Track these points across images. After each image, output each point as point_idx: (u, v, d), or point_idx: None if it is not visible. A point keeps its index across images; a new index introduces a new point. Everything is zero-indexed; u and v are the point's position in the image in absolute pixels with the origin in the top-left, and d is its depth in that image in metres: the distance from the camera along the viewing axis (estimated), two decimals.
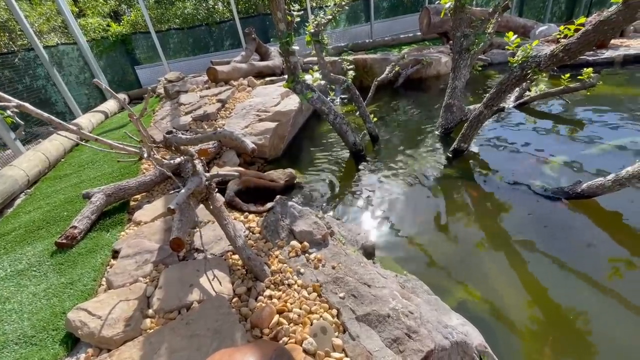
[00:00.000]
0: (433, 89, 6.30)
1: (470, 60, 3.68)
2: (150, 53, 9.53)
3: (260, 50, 6.87)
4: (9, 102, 0.86)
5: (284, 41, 2.90)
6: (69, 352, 1.53)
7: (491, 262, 2.19)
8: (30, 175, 3.82)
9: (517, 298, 1.93)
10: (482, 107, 3.05)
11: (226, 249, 2.02)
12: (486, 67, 6.69)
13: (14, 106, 0.87)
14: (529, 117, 4.29)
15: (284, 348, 0.60)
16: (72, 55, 7.94)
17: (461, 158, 3.45)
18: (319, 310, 1.57)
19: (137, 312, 1.59)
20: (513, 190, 2.84)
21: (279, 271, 1.84)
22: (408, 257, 2.31)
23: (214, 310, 1.49)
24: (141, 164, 3.57)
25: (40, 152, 4.23)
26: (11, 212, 3.27)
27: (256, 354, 0.54)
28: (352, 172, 3.54)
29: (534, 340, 1.70)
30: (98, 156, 4.24)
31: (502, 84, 2.85)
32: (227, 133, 1.65)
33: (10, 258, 2.37)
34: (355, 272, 1.72)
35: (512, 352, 1.63)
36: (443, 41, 8.38)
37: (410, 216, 2.73)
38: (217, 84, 5.61)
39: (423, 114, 4.98)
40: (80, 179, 3.62)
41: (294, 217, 2.23)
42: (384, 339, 1.33)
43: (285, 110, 4.14)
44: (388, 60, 6.57)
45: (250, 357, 0.52)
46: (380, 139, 4.22)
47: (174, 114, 4.68)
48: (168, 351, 1.32)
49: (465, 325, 1.46)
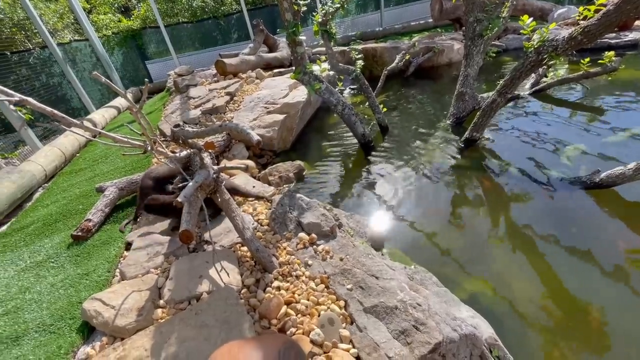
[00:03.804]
0: (445, 77, 6.14)
1: (484, 46, 3.55)
2: (160, 48, 9.61)
3: (269, 42, 6.81)
4: (12, 96, 0.87)
5: (291, 31, 2.85)
6: (85, 340, 1.59)
7: (503, 254, 2.14)
8: (48, 170, 3.94)
9: (530, 291, 1.88)
10: (496, 95, 2.95)
11: (235, 241, 2.04)
12: (500, 54, 6.46)
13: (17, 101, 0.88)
14: (545, 104, 4.13)
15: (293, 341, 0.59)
16: (85, 52, 8.07)
17: (473, 148, 3.36)
18: (327, 302, 1.57)
19: (148, 303, 1.63)
20: (527, 180, 2.75)
21: (287, 263, 1.85)
22: (417, 248, 2.28)
23: (223, 301, 1.51)
24: (152, 158, 3.62)
25: (57, 147, 4.35)
26: (30, 205, 3.38)
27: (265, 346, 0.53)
28: (361, 164, 3.51)
29: (546, 333, 1.66)
30: (111, 151, 4.33)
31: (516, 70, 2.74)
32: (233, 125, 1.65)
33: (30, 250, 2.46)
34: (363, 263, 1.71)
35: (524, 345, 1.60)
36: (455, 27, 8.14)
37: (420, 208, 2.69)
38: (226, 77, 5.61)
39: (434, 104, 4.86)
40: (94, 173, 3.71)
41: (301, 209, 2.23)
42: (391, 331, 1.32)
43: (293, 102, 4.11)
44: (398, 48, 6.42)
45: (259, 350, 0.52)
46: (390, 129, 4.15)
47: (184, 107, 4.72)
48: (178, 341, 1.35)
49: (474, 317, 1.43)
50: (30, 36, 7.72)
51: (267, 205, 2.47)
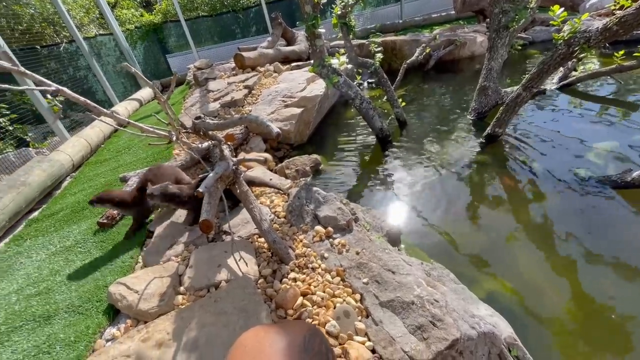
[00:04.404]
0: (466, 71, 5.96)
1: (509, 38, 3.42)
2: (180, 41, 9.77)
3: (287, 35, 6.80)
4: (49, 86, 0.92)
5: (310, 24, 2.84)
6: (111, 322, 1.66)
7: (524, 254, 2.08)
8: (75, 159, 4.11)
9: (552, 292, 1.82)
10: (521, 89, 2.84)
11: (252, 232, 2.07)
12: (526, 46, 6.21)
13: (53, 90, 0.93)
14: (573, 99, 3.95)
15: (318, 329, 0.59)
16: (109, 46, 8.31)
17: (495, 144, 3.26)
18: (342, 294, 1.58)
19: (169, 289, 1.69)
20: (552, 178, 2.65)
21: (303, 255, 1.87)
22: (435, 245, 2.25)
23: (241, 290, 1.55)
24: (173, 149, 3.72)
25: (83, 138, 4.52)
26: (59, 193, 3.55)
27: (291, 332, 0.54)
28: (378, 159, 3.47)
29: (567, 336, 1.61)
30: (133, 142, 4.47)
31: (544, 64, 2.63)
32: (253, 118, 1.67)
33: (60, 235, 2.59)
34: (380, 258, 1.70)
35: (544, 347, 1.56)
36: (479, 19, 7.86)
37: (439, 204, 2.64)
38: (244, 70, 5.65)
39: (455, 98, 4.74)
40: (118, 164, 3.84)
41: (318, 202, 2.23)
42: (407, 326, 1.32)
43: (311, 95, 4.10)
44: (419, 41, 6.27)
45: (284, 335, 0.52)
46: (408, 124, 4.09)
47: (203, 100, 4.80)
48: (198, 326, 1.39)
49: (493, 316, 1.40)
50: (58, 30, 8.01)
51: (283, 198, 2.49)
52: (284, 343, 0.49)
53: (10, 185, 3.09)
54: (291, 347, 0.49)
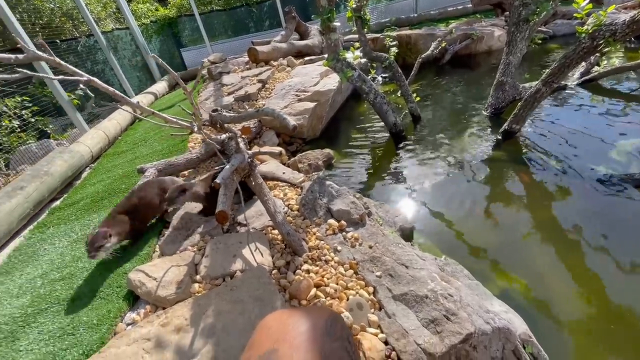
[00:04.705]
0: (483, 66, 5.83)
1: (529, 32, 3.33)
2: (194, 35, 9.86)
3: (300, 29, 6.79)
4: (82, 76, 0.96)
5: (325, 17, 2.83)
6: (131, 307, 1.72)
7: (540, 252, 2.05)
8: (94, 151, 4.23)
9: (568, 292, 1.79)
10: (541, 84, 2.77)
11: (266, 224, 2.10)
12: (547, 41, 6.03)
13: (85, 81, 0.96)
14: (595, 95, 3.83)
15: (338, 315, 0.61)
16: (125, 40, 8.45)
17: (512, 140, 3.20)
18: (355, 287, 1.60)
19: (186, 277, 1.73)
20: (571, 176, 2.59)
21: (316, 247, 1.89)
22: (448, 241, 2.24)
23: (256, 279, 1.58)
24: (187, 142, 3.78)
25: (101, 130, 4.64)
26: (79, 183, 3.66)
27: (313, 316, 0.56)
28: (392, 154, 3.45)
29: (584, 336, 1.58)
30: (149, 134, 4.56)
31: (566, 58, 2.56)
32: (269, 111, 1.68)
33: (81, 223, 2.68)
34: (393, 252, 1.71)
35: (559, 346, 1.54)
36: (497, 13, 7.66)
37: (452, 200, 2.62)
38: (258, 64, 5.68)
39: (470, 93, 4.65)
40: (135, 155, 3.93)
41: (331, 196, 2.25)
42: (420, 319, 1.32)
43: (324, 90, 4.09)
44: (434, 35, 6.16)
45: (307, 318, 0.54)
46: (422, 119, 4.04)
47: (217, 94, 4.85)
48: (215, 313, 1.43)
49: (508, 312, 1.40)
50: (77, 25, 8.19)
51: (297, 192, 2.51)
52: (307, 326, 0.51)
53: (34, 175, 3.21)
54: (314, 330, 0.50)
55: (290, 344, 0.47)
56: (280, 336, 0.49)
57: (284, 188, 2.60)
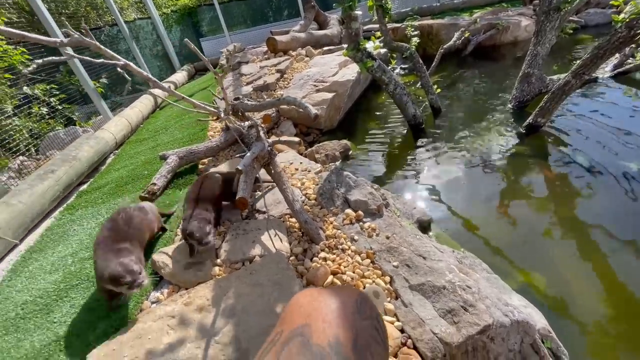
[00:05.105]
0: (508, 57, 5.63)
1: (560, 21, 3.18)
2: (213, 25, 9.92)
3: (319, 19, 6.72)
4: (119, 60, 1.00)
5: (347, 5, 2.79)
6: (155, 287, 1.80)
7: (561, 250, 2.00)
8: (118, 138, 4.37)
9: (589, 292, 1.74)
10: (570, 76, 2.66)
11: (284, 212, 2.13)
12: (578, 31, 5.74)
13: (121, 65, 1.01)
14: (628, 89, 3.64)
15: (367, 295, 0.62)
16: (147, 29, 8.61)
17: (536, 135, 3.10)
18: (372, 276, 1.61)
19: (207, 260, 1.79)
20: (598, 173, 2.49)
21: (334, 236, 1.91)
22: (466, 235, 2.21)
23: (274, 264, 1.62)
24: (207, 131, 3.85)
25: (124, 118, 4.79)
26: (104, 168, 3.80)
27: (344, 294, 0.57)
28: (410, 146, 3.41)
29: (604, 336, 1.55)
30: (170, 123, 4.66)
31: (599, 48, 2.44)
32: (291, 99, 1.70)
33: (106, 207, 2.79)
34: (411, 243, 1.71)
35: (578, 345, 1.51)
36: (524, 1, 7.34)
37: (472, 194, 2.58)
38: (276, 54, 5.67)
39: (493, 86, 4.51)
40: (156, 143, 4.04)
41: (349, 186, 2.25)
42: (437, 309, 1.33)
43: (342, 80, 4.06)
44: (457, 25, 5.97)
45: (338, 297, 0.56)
46: (442, 111, 3.96)
47: (236, 84, 4.89)
48: (235, 295, 1.48)
49: (527, 307, 1.38)
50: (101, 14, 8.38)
51: (314, 181, 2.53)
52: (338, 304, 0.52)
53: (63, 160, 3.36)
54: (345, 308, 0.52)
55: (322, 319, 0.48)
56: (312, 312, 0.51)
57: (302, 177, 2.62)
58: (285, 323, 0.50)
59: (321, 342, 0.44)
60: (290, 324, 0.49)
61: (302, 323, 0.48)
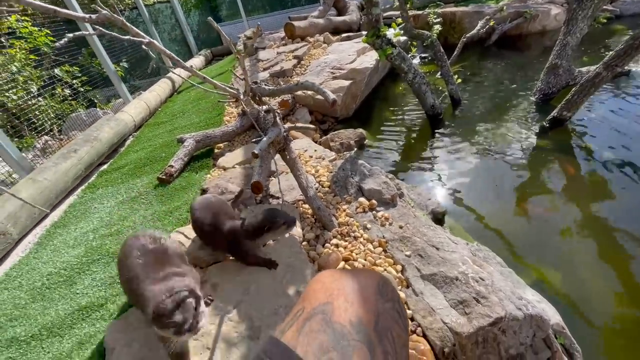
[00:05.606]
0: (534, 47, 5.39)
1: (593, 10, 3.01)
2: (231, 10, 9.87)
3: (338, 5, 6.58)
4: (144, 38, 1.01)
5: None
6: None
7: (579, 249, 1.94)
8: (137, 120, 4.46)
9: (606, 292, 1.70)
10: (602, 67, 2.53)
11: (297, 198, 2.15)
12: (612, 20, 5.43)
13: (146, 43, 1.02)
14: None
15: (388, 279, 0.62)
16: (166, 13, 8.64)
17: (560, 129, 2.98)
18: (384, 264, 1.62)
19: None
20: (624, 171, 2.39)
21: (346, 224, 1.91)
22: (481, 229, 2.18)
23: (288, 248, 1.64)
24: (223, 116, 3.88)
25: (143, 101, 4.87)
26: (123, 150, 3.90)
27: (365, 277, 0.57)
28: (427, 137, 3.35)
29: (619, 337, 1.52)
30: (187, 107, 4.72)
31: (635, 39, 2.30)
32: (309, 84, 1.68)
33: (125, 187, 2.88)
34: (424, 234, 1.70)
35: (592, 343, 1.49)
36: None
37: (489, 188, 2.52)
38: (294, 40, 5.61)
39: (517, 77, 4.35)
40: (174, 126, 4.11)
41: (363, 175, 2.24)
42: (449, 300, 1.32)
43: (360, 68, 4.00)
44: (481, 13, 5.74)
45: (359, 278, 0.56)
46: (462, 102, 3.85)
47: (253, 69, 4.88)
48: (248, 275, 1.52)
49: (541, 302, 1.36)
50: None
51: (328, 168, 2.52)
52: (359, 285, 0.53)
53: (85, 140, 3.47)
54: (368, 288, 0.52)
55: (345, 298, 0.49)
56: (334, 291, 0.51)
57: (316, 165, 2.62)
58: (307, 300, 0.51)
59: (342, 320, 0.45)
60: (313, 301, 0.49)
61: (324, 301, 0.48)
